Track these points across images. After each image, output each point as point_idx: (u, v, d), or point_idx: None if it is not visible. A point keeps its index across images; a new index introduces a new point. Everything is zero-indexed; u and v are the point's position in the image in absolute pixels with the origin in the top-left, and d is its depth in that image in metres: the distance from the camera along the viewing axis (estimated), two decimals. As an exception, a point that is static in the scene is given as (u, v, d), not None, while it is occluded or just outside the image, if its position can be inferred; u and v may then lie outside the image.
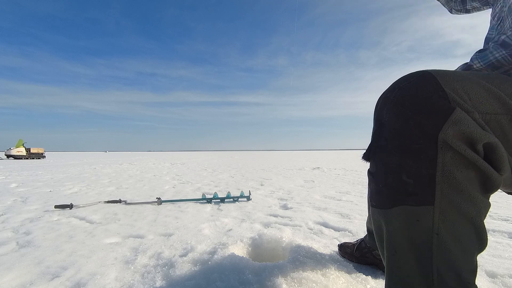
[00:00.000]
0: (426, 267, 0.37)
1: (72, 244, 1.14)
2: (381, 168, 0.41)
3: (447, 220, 0.36)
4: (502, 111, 0.38)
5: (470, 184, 0.36)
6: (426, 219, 0.37)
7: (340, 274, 0.77)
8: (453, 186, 0.36)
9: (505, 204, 1.88)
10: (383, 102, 0.42)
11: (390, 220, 0.39)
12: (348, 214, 1.63)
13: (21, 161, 11.36)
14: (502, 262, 0.92)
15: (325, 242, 1.13)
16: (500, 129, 0.38)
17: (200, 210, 1.80)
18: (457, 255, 0.36)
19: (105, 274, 0.85)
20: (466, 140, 0.35)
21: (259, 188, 2.81)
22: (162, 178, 3.92)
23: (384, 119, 0.41)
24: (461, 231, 0.36)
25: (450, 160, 0.36)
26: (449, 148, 0.36)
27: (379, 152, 0.42)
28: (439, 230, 0.36)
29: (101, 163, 8.76)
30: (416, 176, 0.37)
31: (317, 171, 5.02)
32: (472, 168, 0.36)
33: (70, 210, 1.80)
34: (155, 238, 1.21)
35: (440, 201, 0.36)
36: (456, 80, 0.38)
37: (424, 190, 0.37)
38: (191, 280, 0.76)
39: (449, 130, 0.35)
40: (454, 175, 0.36)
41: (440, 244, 0.36)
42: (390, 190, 0.39)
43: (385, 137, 0.41)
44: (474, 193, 0.36)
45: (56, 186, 3.01)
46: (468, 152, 0.35)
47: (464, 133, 0.35)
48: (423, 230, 0.37)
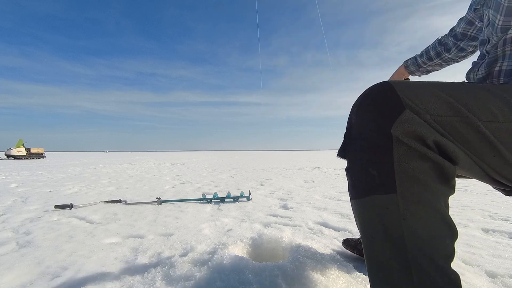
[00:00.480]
0: (402, 253, 0.40)
1: (72, 244, 1.14)
2: (353, 164, 0.47)
3: (410, 206, 0.41)
4: (452, 113, 0.43)
5: (426, 173, 0.41)
6: (393, 206, 0.41)
7: (340, 274, 0.77)
8: (410, 175, 0.41)
9: (505, 204, 1.88)
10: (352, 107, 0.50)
11: (364, 209, 0.45)
12: (348, 214, 1.63)
13: (21, 161, 11.36)
14: (502, 262, 0.92)
15: (325, 242, 1.13)
16: (454, 129, 0.43)
17: (200, 210, 1.80)
18: (427, 240, 0.40)
19: (105, 274, 0.85)
20: (415, 136, 0.41)
21: (259, 188, 2.81)
22: (162, 178, 3.92)
23: (352, 121, 0.48)
24: (424, 216, 0.41)
25: (404, 152, 0.41)
26: (401, 143, 0.41)
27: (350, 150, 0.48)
28: (405, 216, 0.41)
29: (101, 163, 8.76)
30: (379, 168, 0.43)
31: (317, 171, 5.02)
32: (426, 160, 0.41)
33: (70, 210, 1.80)
34: (155, 238, 1.21)
35: (401, 189, 0.41)
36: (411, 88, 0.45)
37: (387, 179, 0.42)
38: (191, 280, 0.76)
39: (398, 127, 0.41)
40: (410, 166, 0.41)
41: (409, 229, 0.40)
42: (361, 182, 0.45)
43: (353, 137, 0.47)
44: (429, 181, 0.41)
45: (56, 186, 3.01)
46: (417, 146, 0.41)
47: (413, 131, 0.41)
48: (393, 216, 0.41)
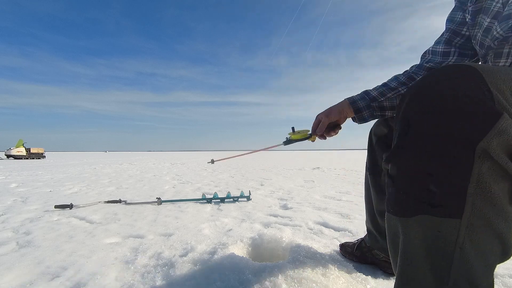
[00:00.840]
0: (442, 281, 0.34)
1: (72, 244, 1.14)
2: (404, 172, 0.37)
3: (474, 234, 0.33)
4: None
5: (504, 196, 0.33)
6: (450, 231, 0.33)
7: (340, 274, 0.77)
8: (487, 199, 0.32)
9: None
10: (412, 97, 0.37)
11: (409, 229, 0.36)
12: (348, 214, 1.63)
13: (21, 161, 11.36)
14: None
15: (325, 242, 1.13)
16: None
17: (200, 210, 1.80)
18: (478, 269, 0.34)
19: (105, 274, 0.85)
20: (509, 151, 0.32)
21: (259, 188, 2.81)
22: (162, 178, 3.92)
23: (411, 119, 0.36)
24: (487, 246, 0.34)
25: (487, 171, 0.32)
26: (488, 158, 0.31)
27: (403, 154, 0.37)
28: (463, 244, 0.33)
29: (101, 163, 8.76)
30: (445, 186, 0.33)
31: (317, 171, 5.02)
32: (508, 180, 0.33)
33: (70, 210, 1.80)
34: (155, 238, 1.21)
35: (470, 215, 0.33)
36: (503, 79, 0.33)
37: (453, 202, 0.33)
38: (191, 280, 0.76)
39: (493, 140, 0.30)
40: (490, 188, 0.32)
41: (462, 258, 0.33)
42: (413, 198, 0.36)
43: (412, 140, 0.36)
44: (506, 206, 0.33)
45: (56, 186, 3.01)
46: (509, 165, 0.32)
47: (510, 144, 0.31)
48: (446, 243, 0.34)
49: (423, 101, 0.35)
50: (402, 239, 0.38)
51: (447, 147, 0.32)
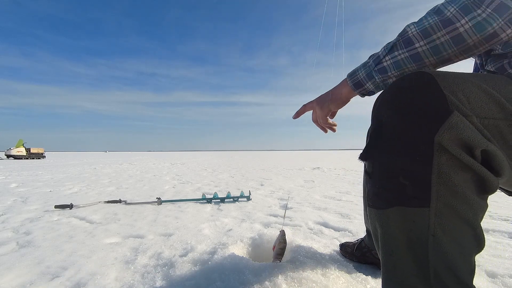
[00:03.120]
0: (423, 268, 0.37)
1: (72, 244, 1.14)
2: (378, 168, 0.41)
3: (443, 221, 0.36)
4: (501, 116, 0.38)
5: (466, 186, 0.36)
6: (422, 220, 0.37)
7: (340, 274, 0.77)
8: (449, 188, 0.36)
9: (505, 204, 1.88)
10: (381, 102, 0.43)
11: (387, 221, 0.40)
12: (348, 214, 1.63)
13: (21, 161, 11.36)
14: (502, 262, 0.92)
15: (325, 242, 1.13)
16: (499, 134, 0.38)
17: (200, 210, 1.80)
18: (455, 257, 0.36)
19: (105, 274, 0.85)
20: (463, 144, 0.35)
21: (259, 188, 2.81)
22: (162, 178, 3.92)
23: (382, 120, 0.41)
24: (457, 233, 0.37)
25: (446, 162, 0.36)
26: (445, 151, 0.36)
27: (377, 152, 0.42)
28: (435, 232, 0.36)
29: (101, 163, 8.76)
30: (412, 177, 0.37)
31: (317, 171, 5.02)
32: (468, 171, 0.36)
33: (70, 210, 1.80)
34: (155, 238, 1.21)
35: (436, 203, 0.36)
36: (456, 82, 0.38)
37: (420, 192, 0.37)
38: (191, 280, 0.76)
39: (445, 134, 0.35)
40: (450, 177, 0.36)
41: (436, 246, 0.36)
42: (387, 191, 0.40)
43: (383, 138, 0.41)
44: (470, 195, 0.36)
45: (56, 186, 3.01)
46: (463, 156, 0.35)
47: (461, 138, 0.35)
48: (420, 231, 0.37)
49: (390, 105, 0.41)
50: (381, 231, 0.41)
51: (411, 143, 0.37)
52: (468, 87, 0.38)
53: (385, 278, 0.42)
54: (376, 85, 0.58)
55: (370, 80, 0.57)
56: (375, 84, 0.57)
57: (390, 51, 0.52)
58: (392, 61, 0.52)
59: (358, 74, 0.59)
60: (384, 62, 0.54)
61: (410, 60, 0.50)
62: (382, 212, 0.40)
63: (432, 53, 0.47)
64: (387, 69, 0.53)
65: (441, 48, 0.46)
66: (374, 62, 0.56)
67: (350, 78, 0.61)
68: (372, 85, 0.58)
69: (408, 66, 0.50)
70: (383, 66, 0.54)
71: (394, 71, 0.53)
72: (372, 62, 0.56)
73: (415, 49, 0.48)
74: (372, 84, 0.58)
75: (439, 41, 0.45)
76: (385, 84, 0.56)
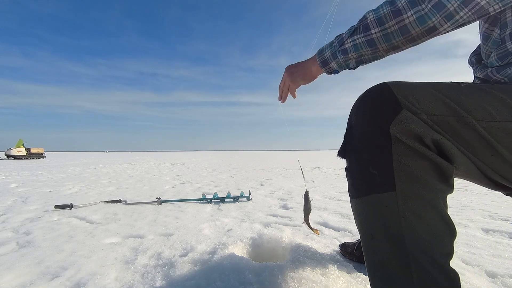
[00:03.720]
0: (402, 251, 0.41)
1: (72, 244, 1.14)
2: (353, 163, 0.48)
3: (410, 204, 0.41)
4: (448, 113, 0.44)
5: (425, 171, 0.42)
6: (393, 204, 0.42)
7: (340, 274, 0.77)
8: (409, 173, 0.42)
9: (505, 204, 1.88)
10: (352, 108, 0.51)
11: (364, 208, 0.46)
12: (348, 214, 1.63)
13: (21, 161, 11.36)
14: (502, 262, 0.92)
15: (325, 242, 1.13)
16: (452, 129, 0.43)
17: (200, 210, 1.80)
18: (426, 237, 0.40)
19: (105, 274, 0.85)
20: (414, 135, 0.42)
21: (259, 188, 2.81)
22: (162, 178, 3.92)
23: (352, 122, 0.49)
24: (424, 214, 0.41)
25: (402, 151, 0.42)
26: (400, 142, 0.42)
27: (350, 149, 0.49)
28: (405, 214, 0.41)
29: (101, 163, 8.76)
30: (379, 167, 0.43)
31: (317, 171, 5.02)
32: (424, 158, 0.42)
33: (70, 210, 1.80)
34: (155, 238, 1.21)
35: (400, 187, 0.42)
36: (408, 88, 0.45)
37: (386, 178, 0.43)
38: (191, 280, 0.76)
39: (396, 126, 0.42)
40: (408, 164, 0.42)
41: (409, 227, 0.41)
42: (361, 181, 0.46)
43: (353, 137, 0.48)
44: (429, 179, 0.42)
45: (56, 186, 3.01)
46: (415, 144, 0.42)
47: (410, 130, 0.42)
48: (392, 215, 0.42)
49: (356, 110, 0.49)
50: (361, 217, 0.47)
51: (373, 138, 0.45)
52: (418, 91, 0.45)
53: (367, 262, 0.46)
54: (339, 64, 0.62)
55: (334, 59, 0.61)
56: (338, 64, 0.62)
57: (352, 35, 0.56)
58: (351, 44, 0.57)
59: (325, 53, 0.63)
60: (346, 44, 0.58)
61: (366, 44, 0.55)
62: (360, 200, 0.46)
63: (384, 40, 0.52)
64: (348, 50, 0.58)
65: (391, 36, 0.51)
66: (338, 44, 0.60)
67: (319, 56, 0.65)
68: (336, 65, 0.62)
69: (364, 50, 0.55)
70: (345, 48, 0.58)
71: (353, 53, 0.57)
72: (336, 43, 0.60)
73: (371, 35, 0.53)
74: (336, 63, 0.62)
75: (390, 30, 0.51)
76: (347, 64, 0.61)
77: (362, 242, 0.46)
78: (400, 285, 0.41)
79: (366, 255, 0.46)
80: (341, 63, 0.61)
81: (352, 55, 0.58)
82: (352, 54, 0.58)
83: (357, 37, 0.55)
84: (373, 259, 0.44)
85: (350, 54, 0.58)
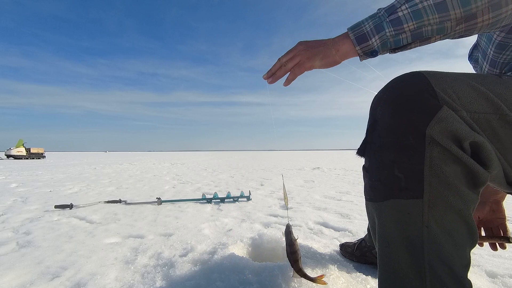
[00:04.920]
0: (418, 260, 0.38)
1: (72, 244, 1.14)
2: (374, 163, 0.43)
3: (436, 213, 0.37)
4: (490, 110, 0.39)
5: (458, 178, 0.37)
6: (417, 212, 0.38)
7: (340, 274, 0.77)
8: (441, 180, 0.37)
9: (505, 204, 1.88)
10: (377, 100, 0.44)
11: (383, 213, 0.41)
12: (348, 214, 1.63)
13: (21, 161, 11.36)
14: (502, 262, 0.92)
15: (325, 242, 1.13)
16: (490, 128, 0.39)
17: (200, 210, 1.80)
18: (448, 249, 0.37)
19: (105, 274, 0.85)
20: (452, 137, 0.37)
21: (259, 188, 2.81)
22: (162, 178, 3.92)
23: (377, 116, 0.43)
24: (450, 224, 0.37)
25: (437, 155, 0.37)
26: (436, 144, 0.37)
27: (373, 148, 0.43)
28: (429, 223, 0.37)
29: (101, 163, 8.76)
30: (406, 170, 0.38)
31: (317, 171, 5.02)
32: (459, 164, 0.37)
33: (70, 210, 1.80)
34: (155, 238, 1.21)
35: (429, 195, 0.37)
36: (446, 80, 0.39)
37: (414, 184, 0.38)
38: (191, 280, 0.76)
39: (435, 127, 0.36)
40: (442, 170, 0.37)
41: (431, 237, 0.37)
42: (383, 184, 0.41)
43: (378, 134, 0.42)
44: (461, 187, 0.37)
45: (56, 186, 3.01)
46: (453, 148, 0.37)
47: (450, 131, 0.36)
48: (414, 223, 0.38)
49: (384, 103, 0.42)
50: (378, 223, 0.42)
51: (403, 137, 0.39)
52: (457, 84, 0.39)
53: (380, 270, 0.43)
54: (384, 41, 0.48)
55: (378, 33, 0.47)
56: (383, 40, 0.48)
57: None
58: (410, 10, 0.44)
59: (364, 26, 0.49)
60: (400, 12, 0.45)
61: (434, 9, 0.43)
62: (378, 205, 0.41)
63: (459, 3, 0.41)
64: (403, 20, 0.45)
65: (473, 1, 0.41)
66: (387, 12, 0.47)
67: (353, 31, 0.50)
68: (379, 41, 0.48)
69: (430, 17, 0.43)
70: (397, 17, 0.45)
71: (412, 22, 0.45)
72: (384, 12, 0.47)
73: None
74: (379, 39, 0.48)
75: None
76: (396, 40, 0.47)
77: (377, 249, 0.43)
78: None
79: (380, 261, 0.43)
80: (387, 38, 0.47)
81: (409, 26, 0.45)
82: (410, 24, 0.45)
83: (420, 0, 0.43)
84: (387, 267, 0.41)
85: (405, 24, 0.45)
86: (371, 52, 0.50)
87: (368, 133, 0.45)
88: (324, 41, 0.53)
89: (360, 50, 0.50)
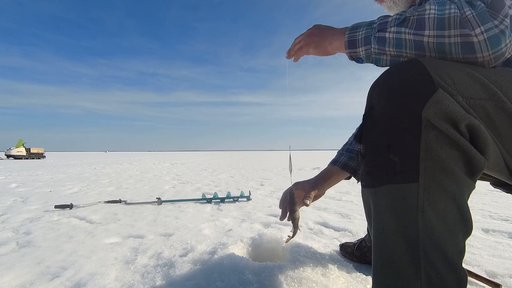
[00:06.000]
0: (413, 246, 0.37)
1: (72, 244, 1.14)
2: (370, 148, 0.42)
3: (431, 197, 0.37)
4: (486, 96, 0.39)
5: (454, 163, 0.37)
6: (412, 196, 0.37)
7: (340, 274, 0.77)
8: (437, 164, 0.37)
9: (505, 204, 1.88)
10: (374, 86, 0.44)
11: (378, 199, 0.41)
12: (348, 214, 1.63)
13: (21, 161, 11.36)
14: (502, 262, 0.92)
15: (325, 242, 1.13)
16: (486, 115, 0.39)
17: (200, 210, 1.80)
18: (443, 235, 0.37)
19: (105, 274, 0.85)
20: (448, 119, 0.37)
21: (259, 188, 2.81)
22: (162, 178, 3.92)
23: (373, 102, 0.43)
24: (445, 210, 0.37)
25: (433, 138, 0.37)
26: (432, 127, 0.37)
27: (369, 133, 0.43)
28: (424, 208, 0.37)
29: (101, 163, 8.76)
30: (401, 154, 0.38)
31: (317, 171, 5.02)
32: (456, 148, 0.37)
33: (70, 210, 1.80)
34: (155, 238, 1.21)
35: (424, 179, 0.37)
36: (442, 66, 0.39)
37: (409, 167, 0.38)
38: (191, 280, 0.76)
39: (431, 109, 0.36)
40: (438, 153, 0.37)
41: (425, 222, 0.37)
42: (378, 169, 0.41)
43: (374, 119, 0.42)
44: (457, 172, 0.37)
45: (56, 186, 3.01)
46: (450, 131, 0.36)
47: (446, 113, 0.36)
48: (409, 208, 0.38)
49: (380, 89, 0.42)
50: (374, 209, 0.42)
51: (399, 120, 0.38)
52: (453, 70, 0.39)
53: (375, 256, 0.42)
54: (368, 54, 0.49)
55: (365, 45, 0.49)
56: (367, 53, 0.49)
57: (400, 24, 0.45)
58: (395, 36, 0.45)
59: (358, 32, 0.50)
60: (387, 33, 0.46)
61: (412, 45, 0.44)
62: (373, 190, 0.41)
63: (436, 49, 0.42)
64: (387, 42, 0.46)
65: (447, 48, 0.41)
66: (378, 27, 0.47)
67: (349, 33, 0.52)
68: (364, 53, 0.50)
69: (408, 51, 0.45)
70: (384, 37, 0.46)
71: (392, 49, 0.46)
72: (377, 25, 0.48)
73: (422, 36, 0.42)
74: (365, 51, 0.50)
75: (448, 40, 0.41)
76: (377, 59, 0.49)
77: (372, 235, 0.43)
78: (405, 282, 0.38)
79: (374, 249, 0.42)
80: (370, 54, 0.49)
81: (390, 51, 0.46)
82: (391, 49, 0.46)
83: (405, 30, 0.44)
84: (381, 254, 0.41)
85: (387, 48, 0.46)
86: (357, 59, 0.53)
87: (364, 119, 0.44)
88: (328, 31, 0.58)
89: (348, 53, 0.53)
